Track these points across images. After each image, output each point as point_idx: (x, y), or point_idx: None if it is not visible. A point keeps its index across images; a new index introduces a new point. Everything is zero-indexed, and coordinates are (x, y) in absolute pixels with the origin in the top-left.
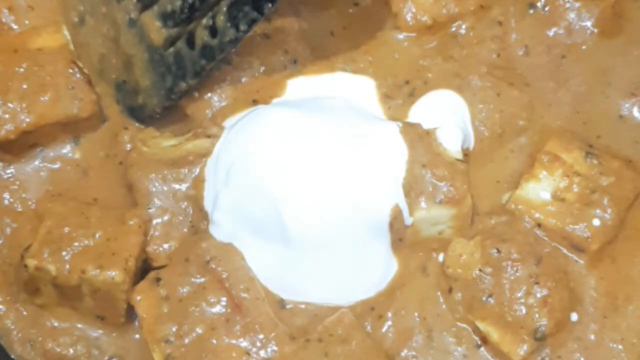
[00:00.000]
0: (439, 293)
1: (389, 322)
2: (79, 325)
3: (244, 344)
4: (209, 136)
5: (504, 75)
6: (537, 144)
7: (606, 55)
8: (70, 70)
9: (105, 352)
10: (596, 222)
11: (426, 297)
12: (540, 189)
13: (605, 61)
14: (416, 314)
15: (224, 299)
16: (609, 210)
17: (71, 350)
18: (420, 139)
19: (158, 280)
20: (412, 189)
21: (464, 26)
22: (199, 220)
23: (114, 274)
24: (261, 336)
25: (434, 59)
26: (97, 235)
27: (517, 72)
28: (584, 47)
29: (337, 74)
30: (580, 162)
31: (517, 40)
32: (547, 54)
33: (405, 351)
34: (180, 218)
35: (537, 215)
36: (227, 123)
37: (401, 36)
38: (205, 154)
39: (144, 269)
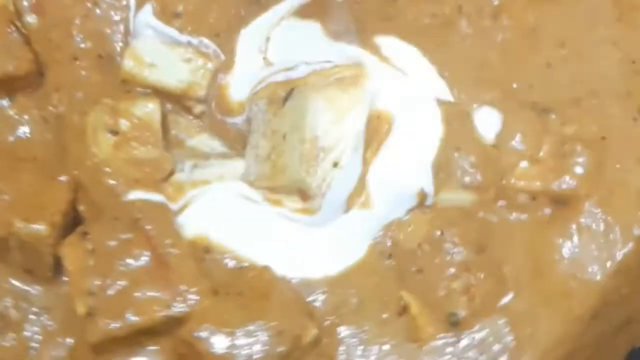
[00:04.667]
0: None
1: (325, 296)
2: (9, 279)
3: (166, 297)
4: None
5: None
6: None
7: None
8: (9, 30)
9: (32, 304)
10: (579, 169)
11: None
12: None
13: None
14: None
15: (149, 253)
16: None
17: None
18: (459, 119)
19: (85, 234)
20: (441, 169)
21: None
22: None
23: (40, 228)
24: (183, 289)
25: None
26: (25, 189)
27: None
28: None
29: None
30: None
31: None
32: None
33: (333, 317)
34: None
35: (522, 183)
36: None
37: None
38: None
39: (75, 225)
